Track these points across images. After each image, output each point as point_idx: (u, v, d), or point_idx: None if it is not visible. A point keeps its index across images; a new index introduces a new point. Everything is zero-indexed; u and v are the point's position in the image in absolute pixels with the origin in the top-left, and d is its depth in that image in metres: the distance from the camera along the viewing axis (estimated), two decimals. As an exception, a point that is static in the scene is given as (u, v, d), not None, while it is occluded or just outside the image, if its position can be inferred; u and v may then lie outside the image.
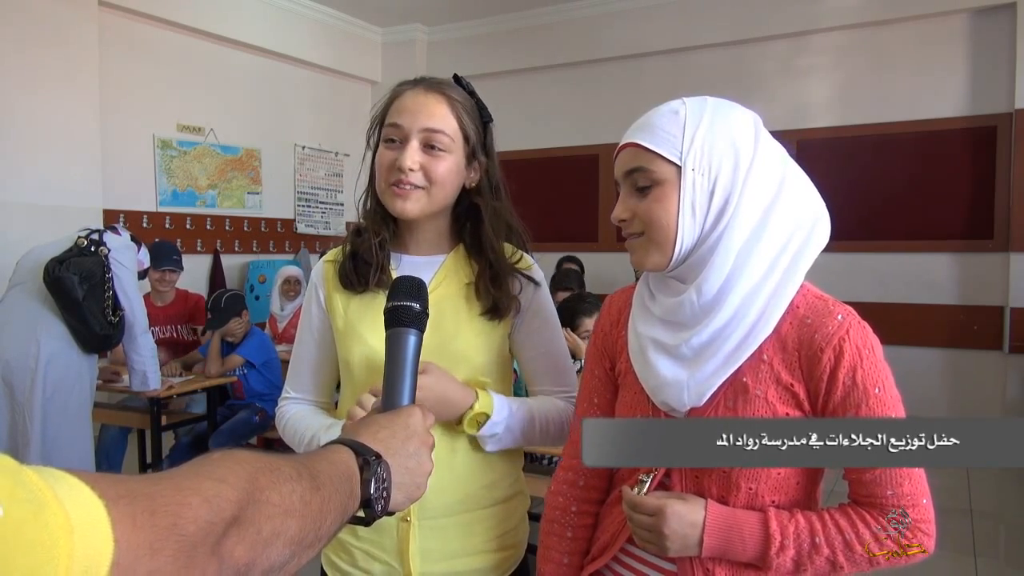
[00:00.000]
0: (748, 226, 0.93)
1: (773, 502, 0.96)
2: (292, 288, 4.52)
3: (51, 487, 0.40)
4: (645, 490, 0.98)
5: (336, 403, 1.35)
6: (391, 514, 0.77)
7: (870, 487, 0.93)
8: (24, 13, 4.39)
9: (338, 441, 0.74)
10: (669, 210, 0.94)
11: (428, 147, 1.17)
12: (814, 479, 1.00)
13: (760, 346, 0.94)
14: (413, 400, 0.88)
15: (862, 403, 0.91)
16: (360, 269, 1.22)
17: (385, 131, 1.19)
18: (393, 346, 0.90)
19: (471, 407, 1.15)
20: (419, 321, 0.91)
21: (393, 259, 1.25)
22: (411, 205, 1.18)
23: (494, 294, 1.21)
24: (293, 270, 4.55)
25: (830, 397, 0.92)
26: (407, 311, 0.91)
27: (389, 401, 0.87)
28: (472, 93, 1.25)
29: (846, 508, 0.96)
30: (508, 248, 1.29)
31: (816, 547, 0.92)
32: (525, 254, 1.31)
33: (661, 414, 1.00)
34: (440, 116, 1.17)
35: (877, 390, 0.91)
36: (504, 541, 1.26)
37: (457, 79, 1.25)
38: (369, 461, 0.72)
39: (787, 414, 0.94)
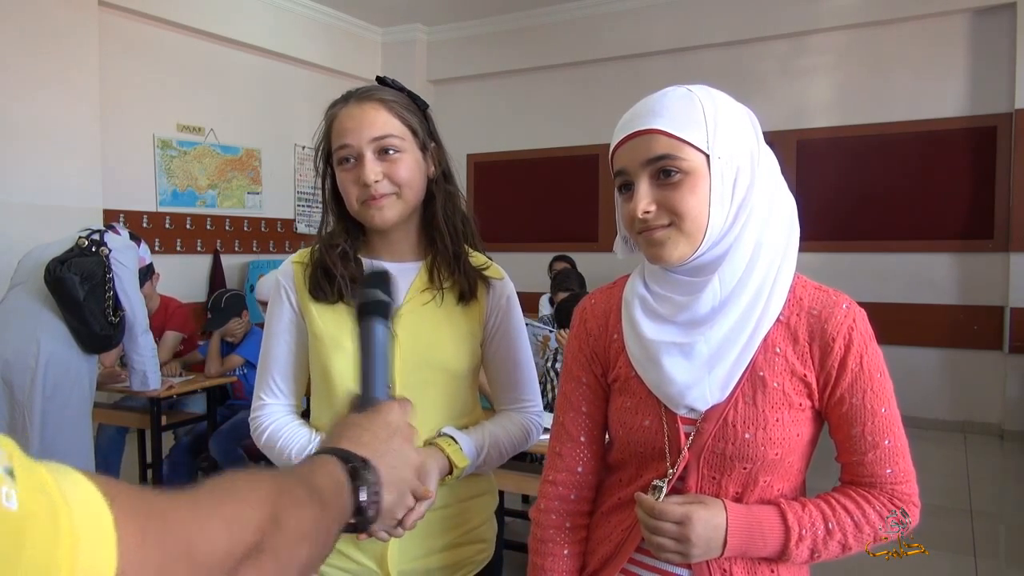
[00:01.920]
0: (761, 216, 0.94)
1: (779, 490, 0.97)
2: None
3: (60, 488, 0.38)
4: (662, 497, 0.95)
5: (307, 409, 1.34)
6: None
7: (872, 467, 0.96)
8: (24, 13, 4.39)
9: (324, 451, 0.73)
10: (702, 200, 0.92)
11: (382, 153, 1.18)
12: (808, 464, 1.02)
13: (772, 339, 0.95)
14: (387, 389, 0.89)
15: (868, 388, 0.94)
16: (333, 282, 1.22)
17: (336, 154, 1.19)
18: (362, 338, 0.91)
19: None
20: (385, 309, 0.92)
21: (366, 266, 1.25)
22: (388, 213, 1.19)
23: (456, 280, 1.24)
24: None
25: (839, 384, 0.95)
26: (372, 301, 0.92)
27: (365, 394, 0.88)
28: (401, 88, 1.25)
29: (847, 490, 0.98)
30: (480, 258, 1.30)
31: (830, 532, 0.94)
32: (494, 264, 1.33)
33: (675, 417, 0.98)
34: (382, 122, 1.18)
35: (879, 375, 0.95)
36: (477, 535, 1.30)
37: (381, 80, 1.25)
38: (358, 470, 0.70)
39: (800, 404, 0.95)
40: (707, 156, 0.91)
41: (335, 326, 1.21)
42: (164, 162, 5.48)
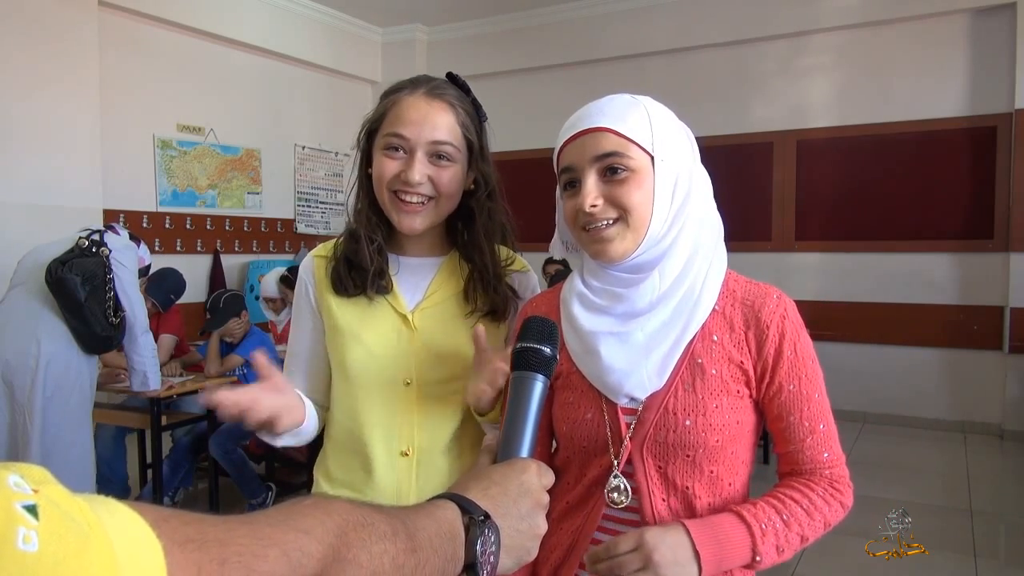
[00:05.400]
0: (698, 217, 1.00)
1: (729, 484, 0.99)
2: (274, 306, 4.42)
3: (100, 520, 0.35)
4: (623, 485, 0.97)
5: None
6: None
7: (810, 452, 0.99)
8: (24, 13, 4.39)
9: (445, 496, 0.68)
10: (647, 197, 0.96)
11: (434, 157, 1.15)
12: (753, 456, 1.04)
13: (709, 327, 0.99)
14: (532, 452, 0.81)
15: (803, 375, 0.98)
16: (356, 274, 1.20)
17: (385, 139, 1.16)
18: (517, 392, 0.83)
19: None
20: (548, 366, 0.86)
21: (390, 261, 1.24)
22: (418, 223, 1.17)
23: (489, 297, 1.22)
24: (269, 289, 4.36)
25: (776, 370, 0.98)
26: (537, 355, 0.85)
27: (506, 450, 0.81)
28: (468, 91, 1.23)
29: (788, 482, 1.00)
30: (503, 251, 1.28)
31: (787, 524, 0.95)
32: (519, 257, 1.31)
33: (615, 408, 0.99)
34: (445, 127, 1.15)
35: (811, 362, 1.00)
36: None
37: (452, 78, 1.23)
38: (476, 521, 0.65)
39: (738, 391, 0.98)
40: (652, 157, 0.96)
41: (355, 318, 1.21)
42: (164, 162, 5.48)
